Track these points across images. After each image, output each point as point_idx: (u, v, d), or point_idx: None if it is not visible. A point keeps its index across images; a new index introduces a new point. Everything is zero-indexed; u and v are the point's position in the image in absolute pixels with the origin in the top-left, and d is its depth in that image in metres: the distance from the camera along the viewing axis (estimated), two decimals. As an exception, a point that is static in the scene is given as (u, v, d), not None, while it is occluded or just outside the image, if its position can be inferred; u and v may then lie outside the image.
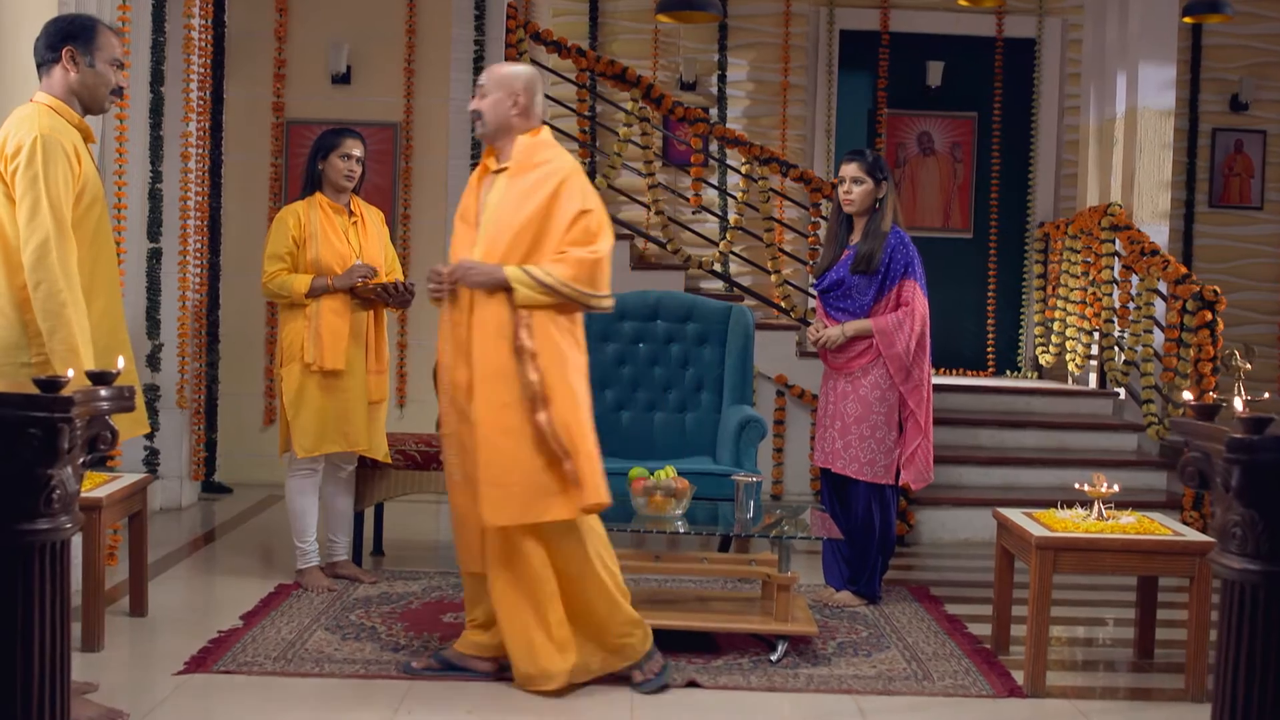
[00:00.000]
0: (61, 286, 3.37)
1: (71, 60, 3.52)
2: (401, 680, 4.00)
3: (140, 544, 4.65)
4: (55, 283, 3.36)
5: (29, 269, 3.37)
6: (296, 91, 7.44)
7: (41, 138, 3.40)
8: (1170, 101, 8.01)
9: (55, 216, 3.37)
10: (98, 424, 2.41)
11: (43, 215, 3.36)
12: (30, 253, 3.36)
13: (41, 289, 3.36)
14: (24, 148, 3.38)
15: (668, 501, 4.49)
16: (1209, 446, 2.37)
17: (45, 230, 3.36)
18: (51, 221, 3.37)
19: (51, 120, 3.47)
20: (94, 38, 3.55)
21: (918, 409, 4.98)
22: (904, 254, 4.98)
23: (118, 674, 4.03)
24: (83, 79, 3.55)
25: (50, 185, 3.38)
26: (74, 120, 3.55)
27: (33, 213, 3.35)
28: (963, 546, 6.52)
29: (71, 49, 3.52)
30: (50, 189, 3.38)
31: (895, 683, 4.13)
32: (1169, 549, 4.12)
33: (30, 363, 3.43)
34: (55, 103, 3.52)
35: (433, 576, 5.33)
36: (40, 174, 3.37)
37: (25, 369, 3.43)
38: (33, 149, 3.38)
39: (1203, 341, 6.48)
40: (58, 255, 3.37)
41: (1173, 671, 4.40)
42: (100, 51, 3.57)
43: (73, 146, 3.47)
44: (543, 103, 4.05)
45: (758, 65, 9.35)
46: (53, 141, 3.41)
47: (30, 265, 3.36)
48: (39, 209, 3.36)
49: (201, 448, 6.90)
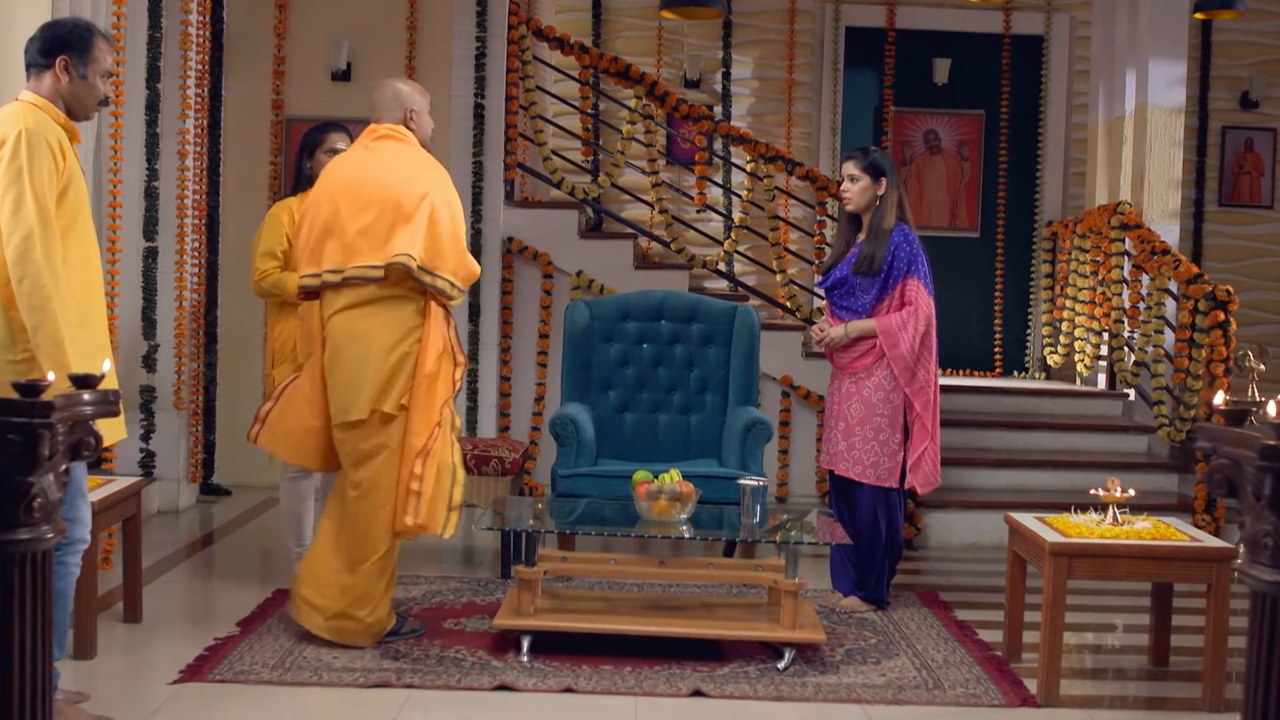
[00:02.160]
0: (46, 281, 3.29)
1: (65, 70, 3.48)
2: (400, 689, 3.92)
3: (134, 549, 4.57)
4: (40, 277, 3.29)
5: (12, 263, 3.29)
6: (296, 89, 7.35)
7: (26, 131, 3.34)
8: (1181, 99, 7.91)
9: (40, 210, 3.31)
10: (80, 429, 2.31)
11: (27, 209, 3.29)
12: (14, 247, 3.29)
13: (25, 283, 3.28)
14: (8, 141, 3.32)
15: (672, 506, 4.40)
16: (1239, 453, 2.27)
17: (29, 224, 3.29)
18: (36, 215, 3.30)
19: (37, 117, 3.41)
20: (89, 49, 3.51)
21: (924, 412, 4.89)
22: (907, 252, 4.89)
23: (110, 683, 3.95)
24: (74, 89, 3.51)
25: (35, 179, 3.31)
26: (59, 120, 3.49)
27: (16, 206, 3.29)
28: (971, 550, 6.42)
29: (66, 59, 3.47)
30: (35, 183, 3.31)
31: (905, 692, 4.04)
32: (1186, 555, 4.02)
33: (16, 360, 3.36)
34: (41, 102, 3.48)
35: (433, 581, 5.24)
36: (25, 167, 3.31)
37: (11, 366, 3.36)
38: (17, 142, 3.32)
39: (1215, 342, 6.38)
40: (42, 249, 3.30)
41: (1188, 680, 4.31)
42: (94, 64, 3.53)
43: (58, 142, 3.42)
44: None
45: (762, 62, 9.26)
46: (38, 135, 3.35)
47: (14, 260, 3.29)
48: (23, 203, 3.29)
49: (200, 449, 6.81)
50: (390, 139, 4.38)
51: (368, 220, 4.21)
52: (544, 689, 3.95)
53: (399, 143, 4.38)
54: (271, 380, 5.00)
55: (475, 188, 7.24)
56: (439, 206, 4.24)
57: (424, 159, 4.38)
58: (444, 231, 4.24)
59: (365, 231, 4.21)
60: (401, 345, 4.22)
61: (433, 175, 4.33)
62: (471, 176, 7.25)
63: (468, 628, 4.59)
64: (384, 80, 4.51)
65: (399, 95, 4.40)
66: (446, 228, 4.25)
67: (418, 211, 4.19)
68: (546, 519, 4.67)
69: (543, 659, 4.20)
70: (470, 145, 7.25)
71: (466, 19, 7.25)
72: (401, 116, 4.40)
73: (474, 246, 7.21)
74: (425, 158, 4.39)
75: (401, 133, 4.39)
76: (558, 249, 7.35)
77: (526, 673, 4.08)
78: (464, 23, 7.26)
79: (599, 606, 4.57)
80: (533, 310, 7.34)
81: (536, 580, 4.29)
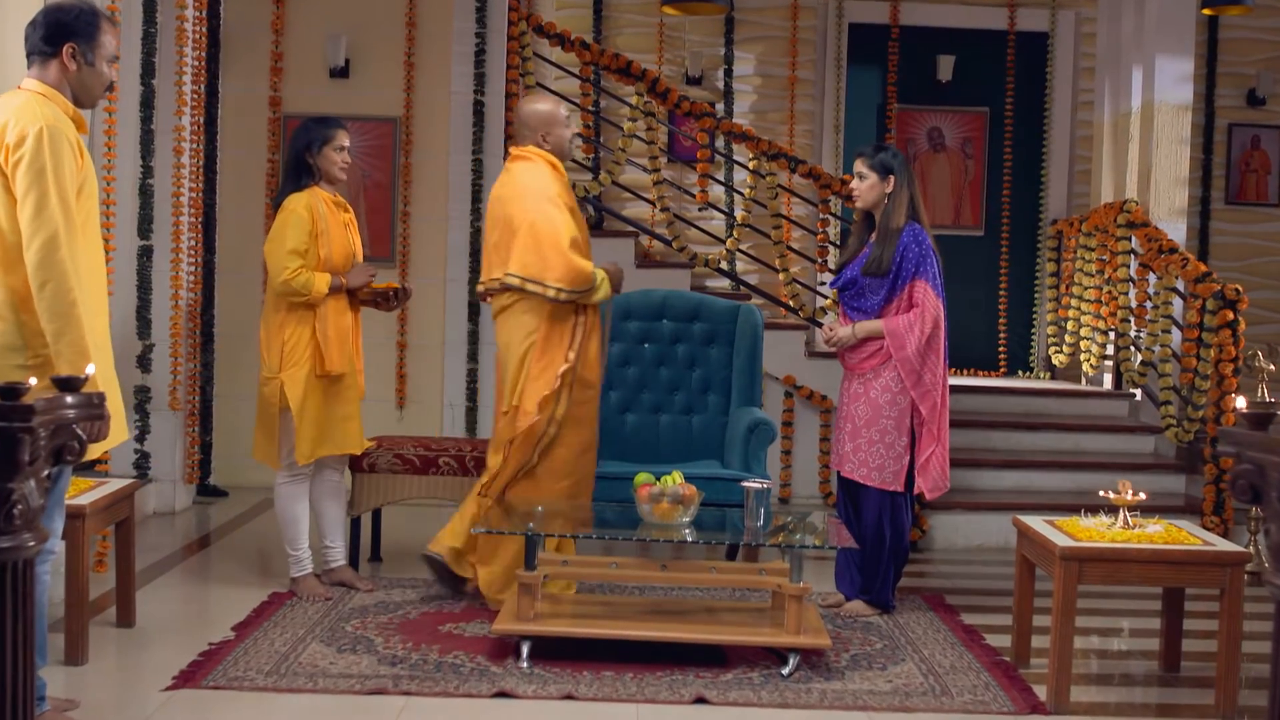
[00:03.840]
0: (72, 285, 3.19)
1: (72, 58, 3.37)
2: (397, 696, 3.84)
3: (127, 552, 4.49)
4: (64, 280, 3.19)
5: (34, 266, 3.18)
6: (294, 85, 7.27)
7: (48, 128, 3.23)
8: (1188, 95, 7.81)
9: (64, 211, 3.21)
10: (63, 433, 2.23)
11: (51, 210, 3.19)
12: (36, 249, 3.18)
13: (49, 288, 3.18)
14: (29, 137, 3.20)
15: (675, 509, 4.32)
16: (1264, 459, 2.19)
17: (54, 225, 3.19)
18: (61, 216, 3.20)
19: (52, 110, 3.30)
20: (96, 34, 3.40)
21: (930, 416, 4.81)
22: (915, 253, 4.81)
23: (102, 690, 3.88)
24: (81, 77, 3.40)
25: (59, 179, 3.21)
26: (68, 111, 3.39)
27: (40, 207, 3.18)
28: (977, 552, 6.34)
29: (74, 46, 3.36)
30: (59, 183, 3.21)
31: (912, 698, 3.96)
32: (1200, 560, 3.94)
33: (27, 365, 3.26)
34: (49, 91, 3.36)
35: (432, 584, 5.16)
36: (48, 166, 3.20)
37: (20, 371, 3.26)
38: (38, 140, 3.21)
39: (1224, 342, 6.29)
40: (67, 251, 3.20)
41: (1200, 686, 4.23)
42: (101, 49, 3.43)
43: (75, 138, 3.32)
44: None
45: (765, 59, 9.18)
46: (58, 132, 3.25)
47: (36, 263, 3.18)
48: (46, 203, 3.19)
49: (196, 450, 6.73)
50: (520, 159, 4.86)
51: (495, 238, 4.81)
52: (544, 696, 3.88)
53: (525, 162, 4.83)
54: (277, 384, 4.79)
55: (475, 185, 7.17)
56: (539, 221, 4.67)
57: (538, 177, 4.77)
58: (545, 242, 4.65)
59: (494, 247, 4.80)
60: (517, 348, 4.73)
61: (537, 188, 4.73)
62: (470, 174, 7.18)
63: (467, 632, 4.51)
64: (520, 103, 5.09)
65: (527, 121, 4.87)
66: (547, 238, 4.65)
67: (522, 228, 4.68)
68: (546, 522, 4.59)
69: (543, 664, 4.12)
70: (469, 143, 7.18)
71: (466, 15, 7.18)
72: (534, 139, 4.86)
73: (473, 245, 7.14)
74: (540, 175, 4.77)
75: (529, 153, 4.84)
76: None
77: (526, 679, 4.00)
78: (463, 18, 7.19)
79: (600, 611, 4.49)
80: (533, 309, 7.24)
81: (536, 584, 4.21)
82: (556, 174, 4.83)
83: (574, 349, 4.72)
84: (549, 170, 4.81)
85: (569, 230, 4.68)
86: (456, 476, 5.41)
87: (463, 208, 7.19)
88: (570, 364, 4.69)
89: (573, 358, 4.70)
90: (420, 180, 7.27)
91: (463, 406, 7.19)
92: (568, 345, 4.72)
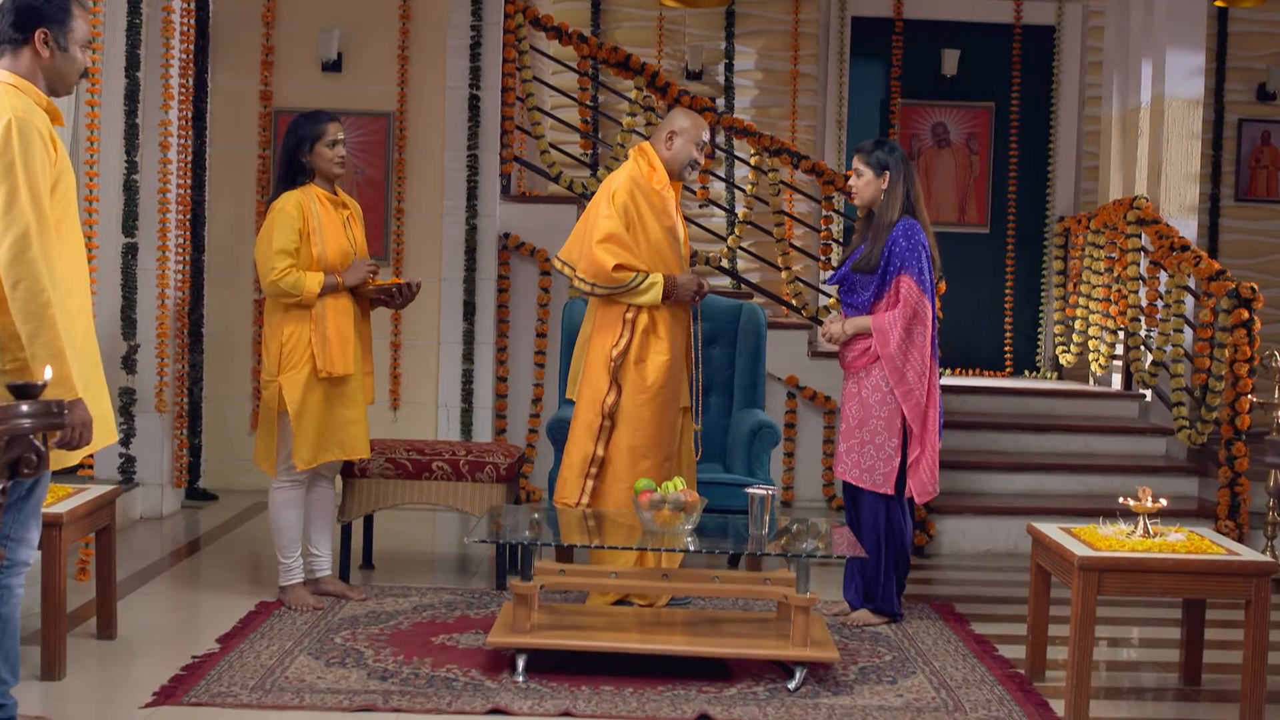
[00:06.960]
0: (45, 285, 3.03)
1: (45, 44, 3.20)
2: (387, 713, 3.68)
3: (108, 561, 4.33)
4: (37, 280, 3.03)
5: (5, 266, 3.03)
6: (285, 79, 7.10)
7: (17, 121, 3.07)
8: (1199, 90, 7.64)
9: (35, 208, 3.05)
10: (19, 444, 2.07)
11: (21, 206, 3.03)
12: (7, 248, 3.02)
13: (21, 287, 3.02)
14: None
15: (677, 516, 4.16)
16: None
17: (24, 222, 3.03)
18: (32, 213, 3.04)
19: (22, 101, 3.14)
20: (67, 19, 3.24)
21: (911, 417, 4.64)
22: (903, 247, 4.65)
23: (78, 706, 3.72)
24: (55, 64, 3.24)
25: (29, 173, 3.05)
26: (41, 102, 3.22)
27: (9, 203, 3.02)
28: (985, 558, 6.17)
29: (45, 31, 3.20)
30: (29, 178, 3.05)
31: (924, 714, 3.80)
32: (1224, 570, 3.78)
33: (4, 369, 3.10)
34: (20, 81, 3.19)
35: (425, 593, 5.00)
36: (17, 160, 3.04)
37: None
38: (7, 133, 3.04)
39: (1239, 342, 6.13)
40: (39, 249, 3.04)
41: (1224, 701, 4.07)
42: (73, 34, 3.26)
43: (48, 131, 3.16)
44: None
45: (766, 53, 9.03)
46: (28, 125, 3.09)
47: (8, 262, 3.02)
48: (16, 199, 3.03)
49: (184, 453, 6.56)
50: (633, 154, 4.87)
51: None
52: (540, 712, 3.71)
53: (631, 160, 4.83)
54: (276, 387, 4.64)
55: (470, 182, 7.01)
56: (589, 212, 4.78)
57: (622, 175, 4.77)
58: (585, 233, 4.73)
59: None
60: (582, 334, 4.94)
61: (614, 185, 4.74)
62: (466, 170, 7.02)
63: (460, 644, 4.35)
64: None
65: (668, 120, 4.87)
66: (588, 230, 4.72)
67: (582, 217, 4.84)
68: (543, 530, 4.44)
69: (539, 679, 3.96)
70: (465, 138, 7.02)
71: (461, 7, 7.02)
72: (661, 138, 4.83)
73: (469, 243, 6.98)
74: (626, 174, 4.76)
75: (641, 150, 4.85)
76: (556, 245, 7.06)
77: (522, 694, 3.84)
78: (459, 11, 7.03)
79: (599, 623, 4.32)
80: (530, 309, 7.10)
81: (533, 595, 4.05)
82: (649, 174, 4.76)
83: (618, 347, 4.70)
84: (643, 171, 4.78)
85: (609, 226, 4.67)
86: (450, 481, 5.24)
87: (458, 205, 7.03)
88: (614, 361, 4.69)
89: (616, 355, 4.69)
90: (415, 177, 7.11)
91: (458, 408, 7.03)
92: (612, 343, 4.72)
